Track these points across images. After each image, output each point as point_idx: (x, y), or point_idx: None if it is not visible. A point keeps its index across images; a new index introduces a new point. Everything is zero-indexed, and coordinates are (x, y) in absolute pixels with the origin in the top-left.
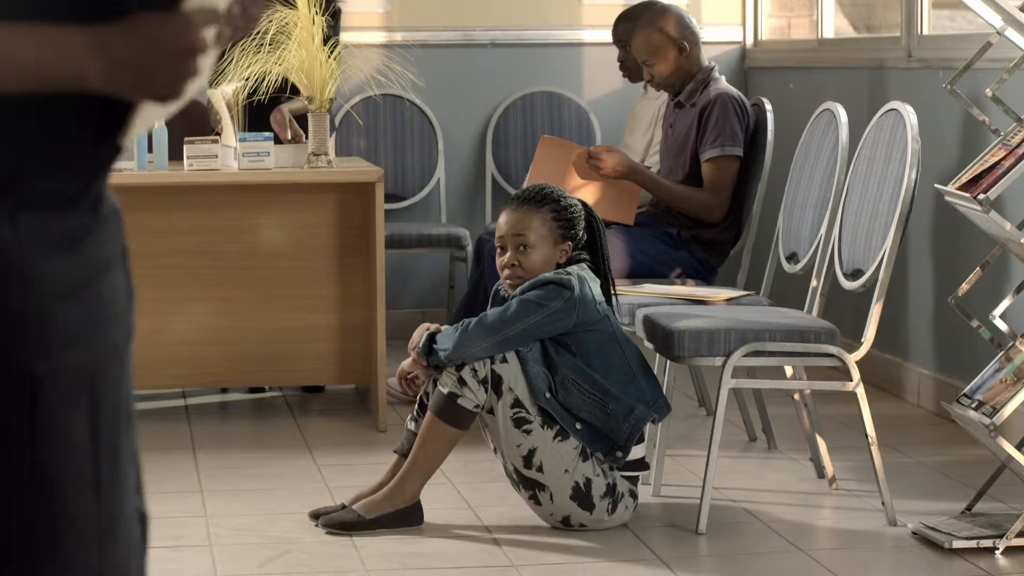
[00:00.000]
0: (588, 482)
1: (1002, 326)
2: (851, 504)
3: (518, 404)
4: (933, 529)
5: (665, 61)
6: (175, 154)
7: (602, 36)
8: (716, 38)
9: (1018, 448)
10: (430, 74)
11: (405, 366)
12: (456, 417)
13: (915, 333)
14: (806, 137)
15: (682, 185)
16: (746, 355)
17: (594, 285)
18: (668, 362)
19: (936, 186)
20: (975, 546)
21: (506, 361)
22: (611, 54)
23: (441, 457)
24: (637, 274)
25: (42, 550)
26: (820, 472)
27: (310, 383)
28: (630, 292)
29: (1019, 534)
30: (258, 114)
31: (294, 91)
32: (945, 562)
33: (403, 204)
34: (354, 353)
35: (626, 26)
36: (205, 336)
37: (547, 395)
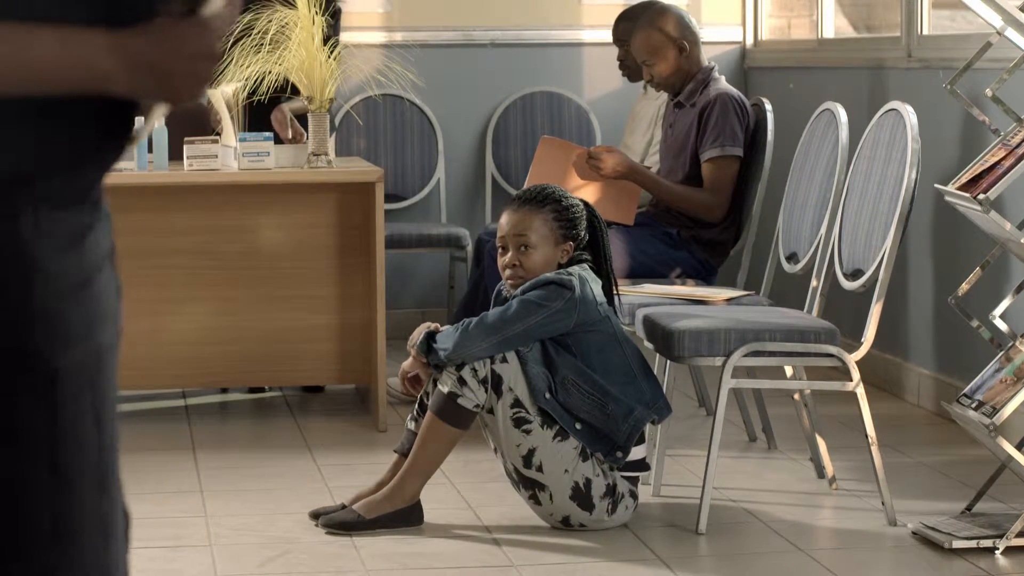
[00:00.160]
0: (588, 482)
1: (1002, 326)
2: (851, 504)
3: (518, 404)
4: (933, 529)
5: (665, 61)
6: (175, 154)
7: (602, 36)
8: (716, 38)
9: (1018, 448)
10: (430, 74)
11: (406, 366)
12: (456, 417)
13: (915, 333)
14: (806, 137)
15: (682, 185)
16: (746, 355)
17: (595, 286)
18: (668, 362)
19: (936, 186)
20: (975, 546)
21: (506, 361)
22: (611, 54)
23: (441, 457)
24: (637, 274)
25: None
26: (820, 472)
27: (310, 383)
28: (630, 292)
29: (1019, 534)
30: (258, 114)
31: (294, 91)
32: (945, 562)
33: (403, 204)
34: (354, 353)
35: (626, 25)
36: (205, 336)
37: (547, 395)
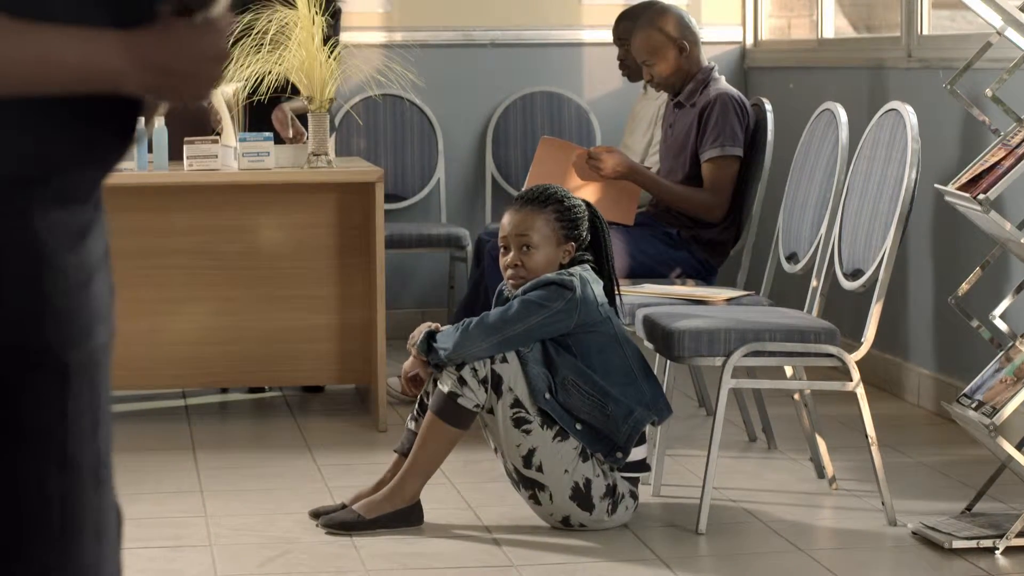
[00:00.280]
0: (588, 482)
1: (1002, 326)
2: (851, 504)
3: (518, 404)
4: (933, 529)
5: (665, 61)
6: (175, 154)
7: (602, 36)
8: (716, 38)
9: (1018, 448)
10: (430, 74)
11: (407, 366)
12: (456, 417)
13: (915, 333)
14: (806, 137)
15: (682, 185)
16: (746, 355)
17: (596, 286)
18: (668, 362)
19: (936, 186)
20: (975, 546)
21: (506, 361)
22: (611, 54)
23: (441, 457)
24: (637, 274)
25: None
26: (820, 472)
27: (310, 383)
28: (630, 292)
29: (1019, 534)
30: (258, 114)
31: (294, 91)
32: (945, 562)
33: (403, 204)
34: (354, 353)
35: (627, 24)
36: (205, 336)
37: (547, 396)
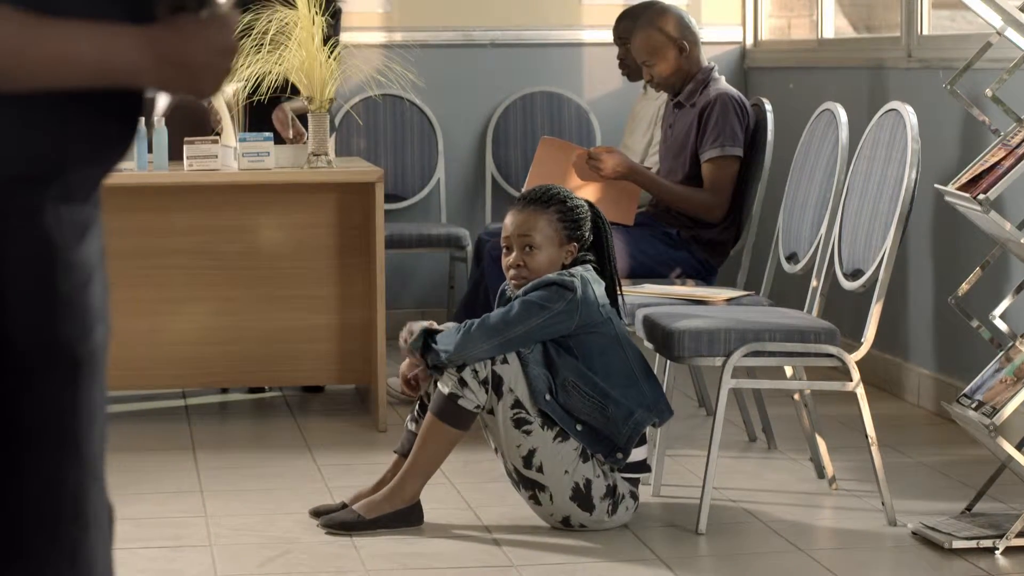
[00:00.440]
0: (588, 483)
1: (1002, 326)
2: (851, 504)
3: (518, 405)
4: (933, 529)
5: (665, 61)
6: (175, 154)
7: (602, 36)
8: (716, 38)
9: (1018, 448)
10: (430, 74)
11: (405, 368)
12: (456, 418)
13: (915, 333)
14: (806, 137)
15: (682, 185)
16: (746, 355)
17: (597, 287)
18: (668, 362)
19: (936, 186)
20: (975, 546)
21: (507, 362)
22: (611, 54)
23: (441, 458)
24: (637, 274)
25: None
26: (820, 472)
27: (310, 383)
28: (630, 292)
29: (1019, 534)
30: (258, 114)
31: (294, 91)
32: (945, 562)
33: (403, 204)
34: (354, 353)
35: (627, 24)
36: (205, 336)
37: (547, 397)
